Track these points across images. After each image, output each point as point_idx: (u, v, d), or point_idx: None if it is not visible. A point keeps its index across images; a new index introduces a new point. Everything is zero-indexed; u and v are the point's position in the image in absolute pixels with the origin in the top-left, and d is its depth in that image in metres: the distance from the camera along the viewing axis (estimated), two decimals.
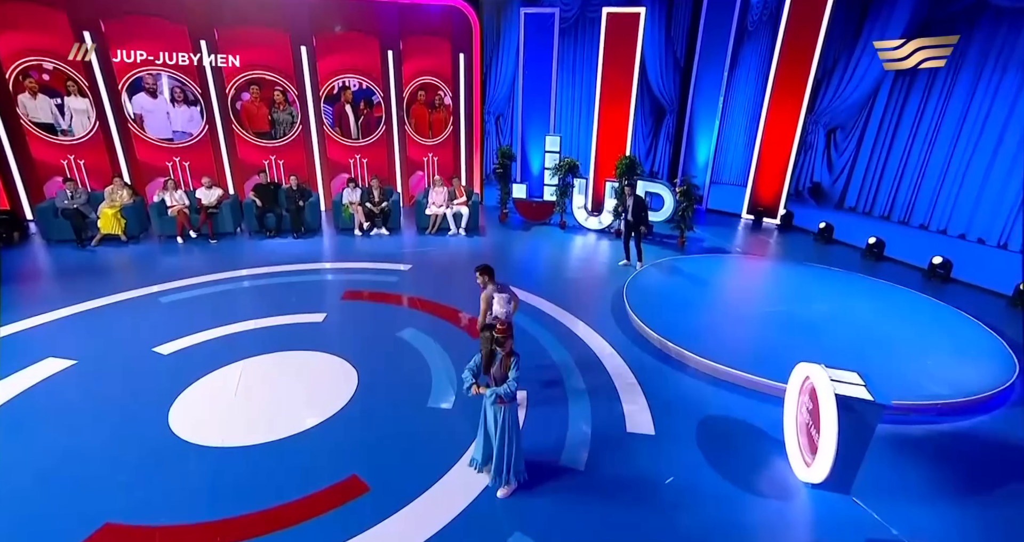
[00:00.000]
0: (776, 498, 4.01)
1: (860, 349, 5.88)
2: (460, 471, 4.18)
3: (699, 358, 5.74)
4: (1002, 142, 8.52)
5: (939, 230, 9.41)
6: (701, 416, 4.98)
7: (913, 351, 5.96)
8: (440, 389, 5.29)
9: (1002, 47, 8.35)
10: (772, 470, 4.30)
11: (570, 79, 12.31)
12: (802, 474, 4.11)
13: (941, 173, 9.34)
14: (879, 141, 10.29)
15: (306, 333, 6.37)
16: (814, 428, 4.01)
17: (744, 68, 12.22)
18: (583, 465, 4.30)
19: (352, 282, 7.99)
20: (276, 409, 4.92)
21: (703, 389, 5.42)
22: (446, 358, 5.86)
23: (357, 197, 10.49)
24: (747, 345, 6.03)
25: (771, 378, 5.29)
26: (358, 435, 4.59)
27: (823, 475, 3.77)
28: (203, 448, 4.39)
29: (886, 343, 6.10)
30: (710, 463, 4.35)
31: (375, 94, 11.87)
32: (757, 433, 4.75)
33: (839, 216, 10.96)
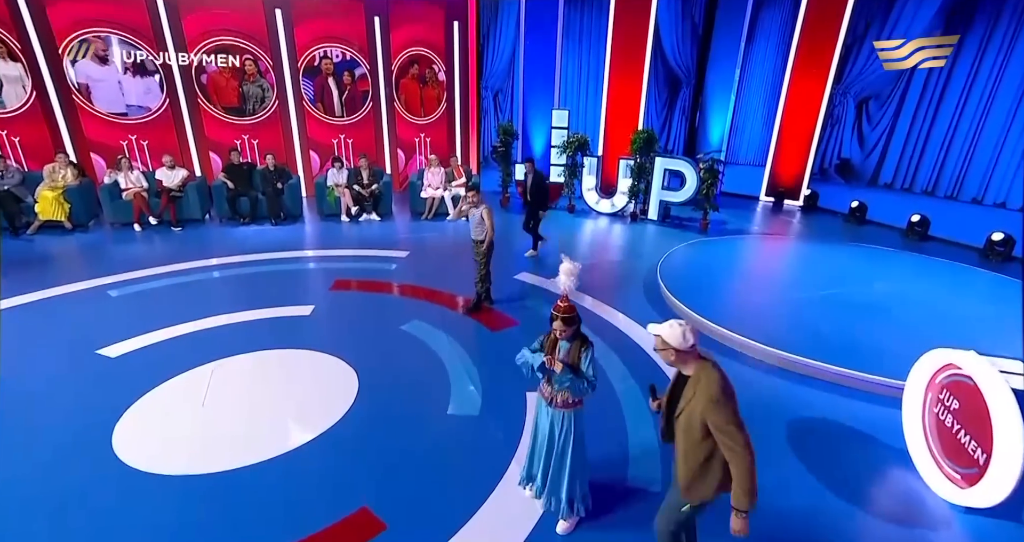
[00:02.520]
0: (921, 527, 3.06)
1: (946, 332, 4.99)
2: (502, 497, 3.16)
3: (765, 348, 4.79)
4: None
5: (996, 204, 8.63)
6: (786, 417, 4.02)
7: (1008, 332, 5.08)
8: (462, 391, 4.25)
9: None
10: (901, 488, 3.36)
11: (576, 49, 11.31)
12: (950, 494, 3.16)
13: (999, 140, 8.53)
14: (921, 109, 9.48)
15: (291, 328, 5.26)
16: (966, 434, 3.07)
17: (763, 38, 11.36)
18: (659, 484, 3.31)
19: (342, 271, 6.87)
20: (257, 422, 3.82)
21: (774, 384, 4.47)
22: (463, 354, 4.82)
23: (343, 179, 9.34)
24: (814, 332, 5.10)
25: (862, 370, 4.36)
26: (364, 454, 3.52)
27: (998, 498, 2.82)
28: (160, 478, 3.28)
29: (972, 324, 5.24)
30: (820, 479, 3.39)
31: (360, 66, 10.72)
32: (863, 438, 3.81)
33: (873, 194, 10.15)
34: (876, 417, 4.00)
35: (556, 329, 2.70)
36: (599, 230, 9.37)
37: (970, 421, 3.04)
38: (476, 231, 5.49)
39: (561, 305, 2.68)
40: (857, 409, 4.12)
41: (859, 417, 4.03)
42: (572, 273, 2.75)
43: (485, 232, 5.42)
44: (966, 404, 3.07)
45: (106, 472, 3.33)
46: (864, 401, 4.21)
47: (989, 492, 2.84)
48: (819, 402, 4.24)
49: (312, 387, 4.29)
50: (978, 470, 2.96)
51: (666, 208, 9.80)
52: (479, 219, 5.42)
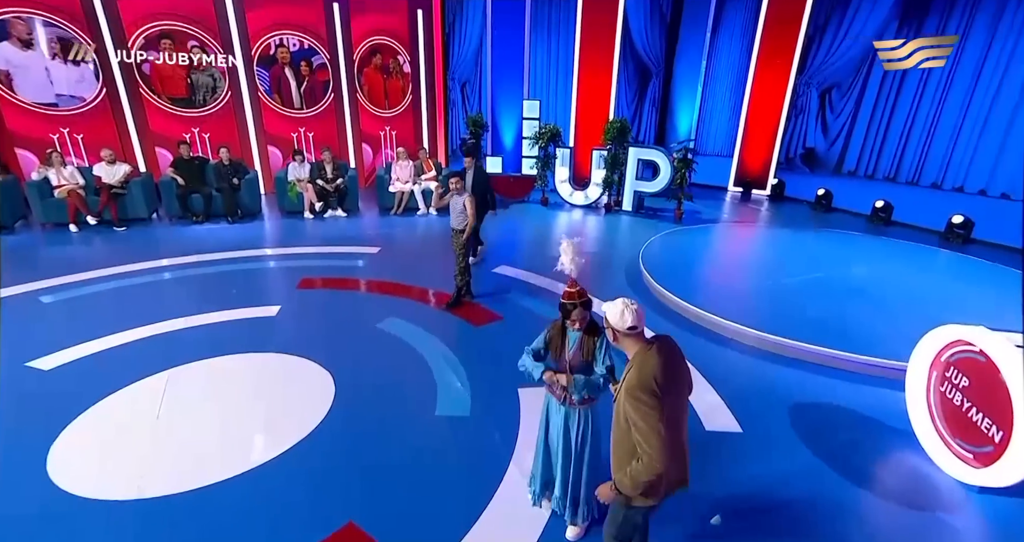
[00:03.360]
0: (934, 509, 2.96)
1: (929, 311, 4.99)
2: (504, 502, 2.87)
3: (758, 333, 4.68)
4: None
5: (955, 188, 8.90)
6: (787, 404, 3.90)
7: (993, 310, 5.16)
8: (449, 390, 3.93)
9: None
10: (910, 470, 3.27)
11: (544, 38, 11.09)
12: (962, 474, 3.08)
13: (955, 127, 8.80)
14: (881, 98, 9.70)
15: (256, 331, 4.80)
16: (979, 412, 2.99)
17: (728, 29, 11.44)
18: None
19: (309, 269, 6.41)
20: (222, 435, 3.40)
21: (770, 370, 4.36)
22: (446, 351, 4.50)
23: (306, 173, 8.82)
24: (802, 316, 5.03)
25: (855, 352, 4.30)
26: (347, 463, 3.17)
27: (1019, 476, 2.74)
28: (107, 504, 2.84)
29: (952, 302, 5.30)
30: (827, 463, 3.27)
31: (318, 55, 10.17)
32: (866, 421, 3.71)
33: (838, 182, 10.38)
34: (876, 399, 3.93)
35: (575, 319, 2.40)
36: (574, 222, 9.19)
37: (983, 398, 2.96)
38: (457, 220, 5.18)
39: (571, 291, 2.40)
40: (856, 392, 4.05)
41: (859, 400, 3.94)
42: (574, 253, 2.46)
43: (466, 221, 5.11)
44: (978, 381, 2.99)
45: (39, 500, 2.85)
46: (862, 383, 4.14)
47: (1010, 470, 2.76)
48: (817, 386, 4.14)
49: (284, 393, 3.88)
50: (994, 448, 2.88)
51: (640, 199, 9.72)
52: (461, 207, 5.11)
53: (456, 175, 5.19)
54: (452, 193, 5.17)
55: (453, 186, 5.12)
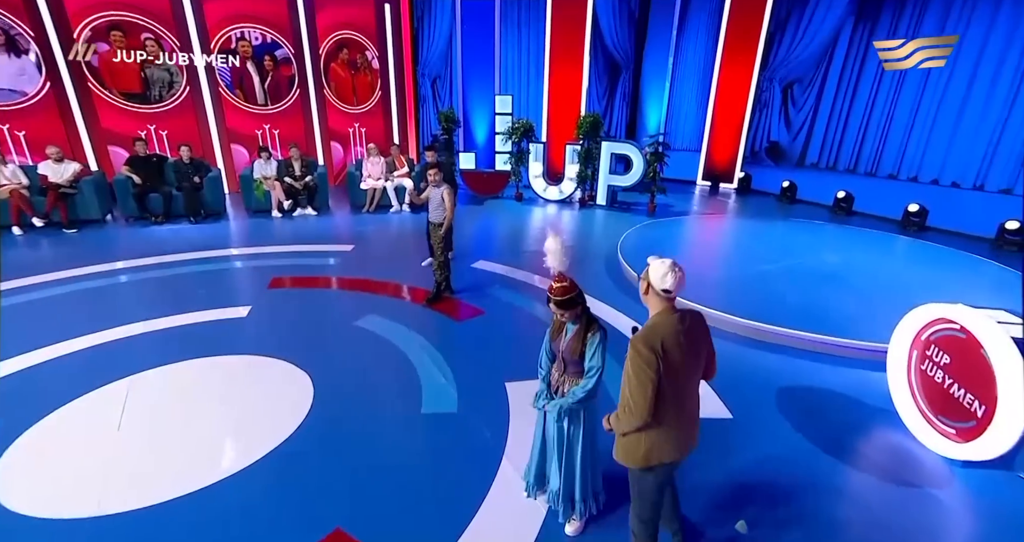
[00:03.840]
0: (920, 484, 3.00)
1: (900, 294, 5.14)
2: (499, 499, 2.77)
3: (744, 321, 4.71)
4: (974, 82, 8.46)
5: (910, 178, 9.29)
6: (774, 388, 3.93)
7: (956, 291, 5.35)
8: (434, 387, 3.80)
9: None
10: (895, 448, 3.32)
11: (515, 34, 11.01)
12: (946, 450, 3.14)
13: (909, 120, 9.20)
14: (840, 92, 10.06)
15: (226, 333, 4.55)
16: (960, 388, 3.06)
17: (693, 26, 11.63)
18: None
19: (280, 268, 6.15)
20: (193, 443, 3.18)
21: (755, 356, 4.39)
22: (429, 347, 4.36)
23: (272, 171, 8.49)
24: (782, 302, 5.10)
25: (837, 335, 4.37)
26: (331, 466, 3.00)
27: (1003, 448, 2.80)
28: (61, 524, 2.60)
29: (920, 285, 5.47)
30: (820, 447, 3.29)
31: (282, 49, 9.82)
32: (852, 403, 3.77)
33: (801, 174, 10.67)
34: (858, 380, 4.00)
35: (553, 311, 2.35)
36: (550, 217, 9.15)
37: (964, 374, 3.03)
38: (436, 213, 5.03)
39: (554, 285, 2.31)
40: (839, 374, 4.11)
41: (842, 382, 4.00)
42: (558, 249, 2.31)
43: (445, 213, 4.98)
44: (959, 358, 3.06)
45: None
46: (844, 366, 4.21)
47: (993, 443, 2.82)
48: (800, 370, 4.18)
49: (258, 397, 3.67)
50: (976, 423, 2.94)
51: (613, 193, 9.76)
52: (439, 200, 4.97)
53: (434, 166, 5.05)
54: (430, 185, 5.03)
55: (431, 178, 4.97)
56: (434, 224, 5.10)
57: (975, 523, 2.77)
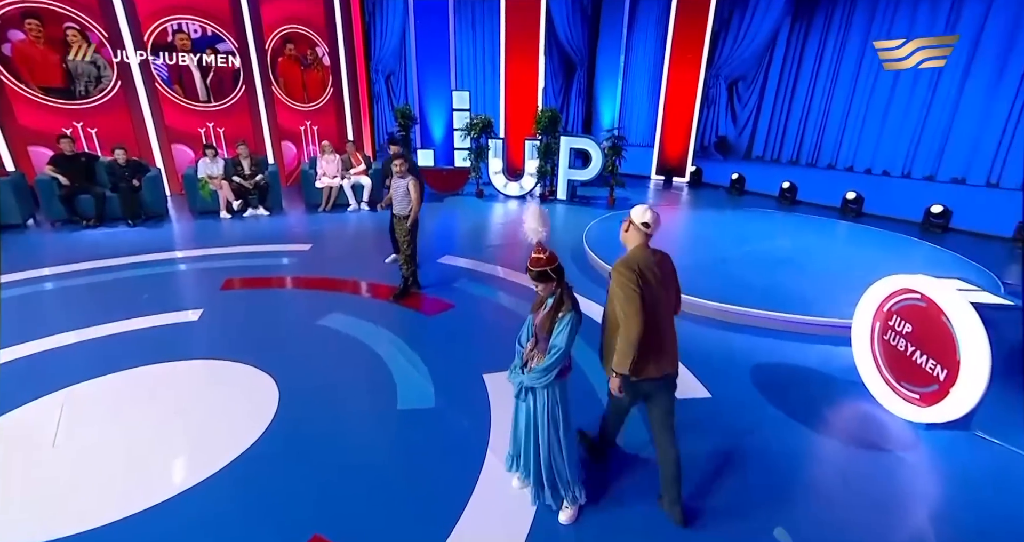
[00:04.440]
0: (890, 449, 3.13)
1: (852, 273, 5.42)
2: (486, 494, 2.66)
3: (709, 303, 4.80)
4: (899, 74, 9.04)
5: (846, 168, 9.84)
6: (747, 367, 4.01)
7: (898, 267, 5.66)
8: (409, 382, 3.64)
9: None
10: (865, 416, 3.45)
11: (469, 30, 10.92)
12: (911, 414, 3.29)
13: (844, 112, 9.75)
14: (781, 88, 10.54)
15: (176, 338, 4.22)
16: (923, 354, 3.20)
17: (642, 25, 11.90)
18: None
19: (233, 269, 5.79)
20: (146, 454, 2.89)
21: (725, 337, 4.47)
22: (400, 343, 4.19)
23: (219, 170, 8.01)
24: (746, 285, 5.24)
25: (798, 313, 4.53)
26: (303, 470, 2.80)
27: (965, 408, 2.94)
28: None
29: (866, 265, 5.77)
30: (795, 420, 3.37)
31: (224, 43, 9.32)
32: (820, 376, 3.89)
33: (748, 167, 11.11)
34: (823, 355, 4.15)
35: (536, 285, 2.30)
36: (511, 212, 9.10)
37: (926, 340, 3.17)
38: (400, 205, 4.86)
39: (534, 256, 2.24)
40: (804, 350, 4.24)
41: (808, 357, 4.14)
42: (537, 219, 2.25)
43: (410, 206, 4.82)
44: (920, 325, 3.21)
45: None
46: (808, 342, 4.35)
47: (956, 405, 2.96)
48: (768, 348, 4.29)
49: (217, 401, 3.41)
50: (939, 386, 3.09)
51: (573, 187, 9.82)
52: (404, 191, 4.80)
53: (399, 157, 4.88)
54: (394, 177, 4.86)
55: (396, 169, 4.80)
56: (398, 217, 4.92)
57: (940, 480, 2.89)
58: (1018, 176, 8.31)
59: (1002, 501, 2.73)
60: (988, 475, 2.91)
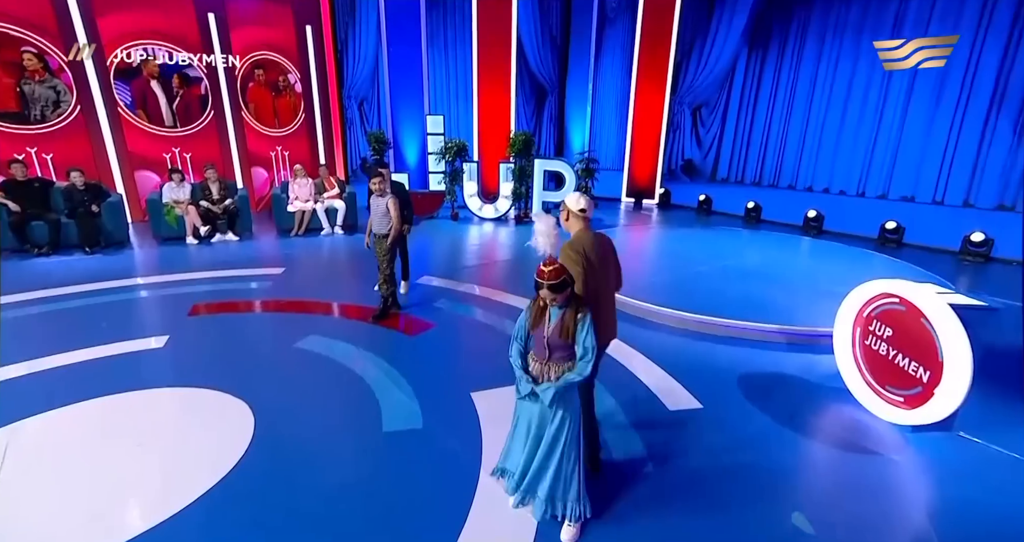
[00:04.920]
0: (882, 452, 3.15)
1: (823, 284, 5.59)
2: (483, 516, 2.52)
3: (692, 316, 4.83)
4: (848, 100, 9.62)
5: (806, 188, 10.30)
6: (734, 377, 4.01)
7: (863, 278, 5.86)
8: (394, 404, 3.49)
9: (836, 18, 9.50)
10: (851, 421, 3.48)
11: (443, 57, 11.11)
12: (896, 417, 3.33)
13: (801, 136, 10.28)
14: (742, 113, 11.08)
15: (140, 366, 3.96)
16: (905, 357, 3.27)
17: (609, 54, 12.38)
18: (650, 466, 2.97)
19: (201, 294, 5.53)
20: (108, 488, 2.65)
21: (709, 348, 4.49)
22: (382, 364, 4.04)
23: (186, 194, 7.76)
24: (723, 297, 5.31)
25: (777, 323, 4.60)
26: (283, 499, 2.61)
27: (950, 409, 3.00)
28: None
29: (833, 277, 5.96)
30: (788, 427, 3.37)
31: (193, 68, 9.19)
32: (806, 384, 3.93)
33: (714, 188, 11.49)
34: (807, 363, 4.20)
35: (543, 298, 2.27)
36: (487, 234, 9.09)
37: (908, 343, 3.24)
38: (380, 223, 4.78)
39: (544, 269, 2.21)
40: (787, 359, 4.28)
41: (792, 365, 4.18)
42: (549, 231, 2.32)
43: (391, 224, 4.74)
44: (901, 328, 3.28)
45: None
46: (790, 351, 4.40)
47: (940, 406, 3.02)
48: (754, 358, 4.30)
49: (185, 431, 3.18)
50: (923, 388, 3.14)
51: (547, 209, 9.92)
52: (384, 210, 4.73)
53: (379, 175, 4.82)
54: (374, 195, 4.79)
55: (375, 187, 4.74)
56: (379, 235, 4.83)
57: (930, 480, 2.92)
58: (960, 194, 8.86)
59: (990, 498, 2.76)
60: (975, 473, 2.94)
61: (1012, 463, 3.03)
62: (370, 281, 5.73)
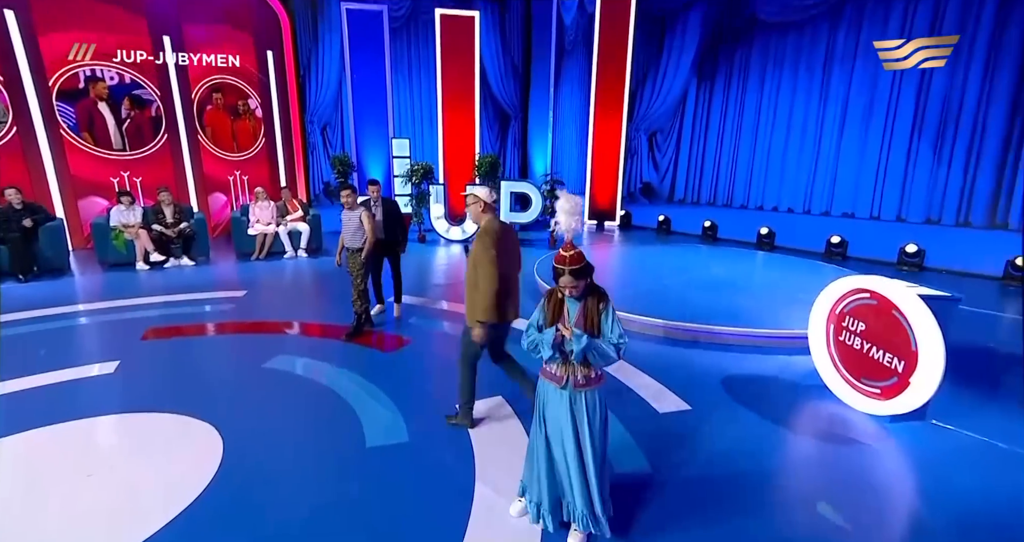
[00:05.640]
0: (859, 443, 3.21)
1: (783, 292, 5.82)
2: (481, 528, 2.38)
3: (672, 323, 4.88)
4: (790, 126, 10.31)
5: (757, 207, 10.85)
6: (717, 379, 4.04)
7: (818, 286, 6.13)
8: (376, 418, 3.31)
9: (775, 52, 10.28)
10: (831, 415, 3.54)
11: (407, 82, 11.21)
12: (874, 408, 3.43)
13: (750, 159, 10.91)
14: (695, 139, 11.67)
15: (86, 392, 3.61)
16: (879, 349, 3.39)
17: (568, 84, 12.85)
18: (648, 466, 2.91)
19: (156, 319, 5.16)
20: (50, 522, 2.33)
21: (692, 354, 4.53)
22: (360, 380, 3.85)
23: (137, 217, 7.34)
24: (695, 306, 5.42)
25: (753, 327, 4.72)
26: (261, 524, 2.37)
27: (925, 396, 3.11)
28: None
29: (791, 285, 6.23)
30: (775, 423, 3.40)
31: (145, 89, 8.88)
32: (785, 383, 4.00)
33: (672, 209, 11.91)
34: (783, 364, 4.29)
35: (564, 286, 2.17)
36: (455, 255, 9.01)
37: (881, 335, 3.37)
38: (353, 238, 4.64)
39: (565, 255, 2.14)
40: (765, 361, 4.36)
41: (770, 367, 4.26)
42: (574, 210, 2.22)
43: (364, 238, 4.61)
44: (873, 322, 3.42)
45: None
46: (766, 353, 4.49)
47: (918, 392, 3.13)
48: (734, 361, 4.34)
49: (144, 458, 2.88)
50: (898, 378, 3.26)
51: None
52: (357, 223, 4.60)
53: (348, 187, 4.71)
54: (344, 209, 4.68)
55: (346, 200, 4.63)
56: (351, 250, 4.69)
57: (912, 466, 2.99)
58: (893, 210, 9.56)
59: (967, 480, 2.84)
60: (951, 458, 3.04)
61: (982, 445, 3.15)
62: (340, 301, 5.53)
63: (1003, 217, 8.93)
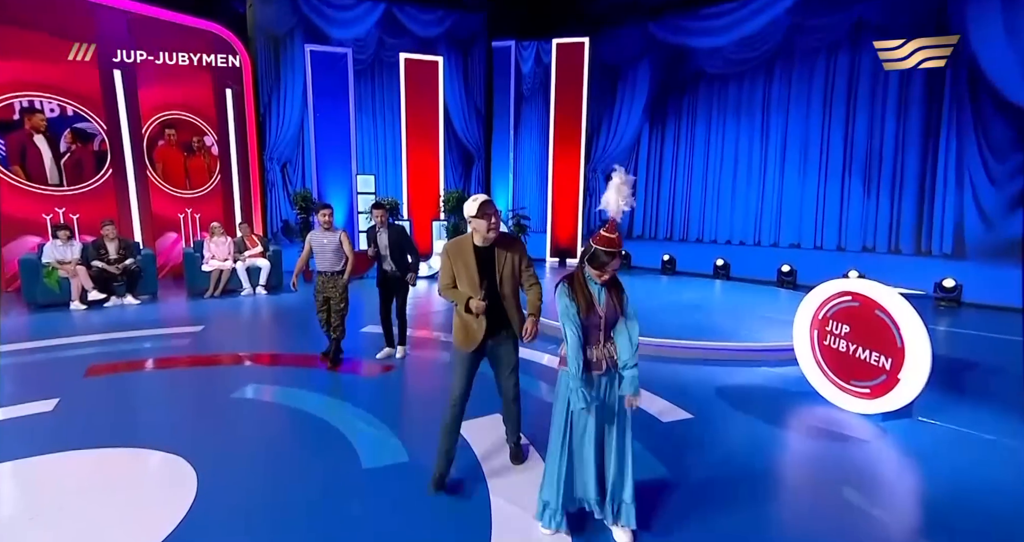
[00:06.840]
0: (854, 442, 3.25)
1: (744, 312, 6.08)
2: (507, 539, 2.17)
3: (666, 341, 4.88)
4: (736, 164, 11.10)
5: (712, 241, 11.38)
6: (712, 390, 4.03)
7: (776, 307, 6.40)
8: (370, 440, 3.05)
9: (718, 99, 11.20)
10: (825, 418, 3.58)
11: (371, 122, 11.27)
12: (865, 408, 3.49)
13: (702, 196, 11.55)
14: (650, 177, 12.27)
15: (23, 431, 3.11)
16: (865, 349, 3.50)
17: (528, 127, 13.36)
18: (664, 469, 2.80)
19: (98, 355, 4.63)
20: None
21: (685, 369, 4.50)
22: (344, 404, 3.58)
23: (75, 253, 6.76)
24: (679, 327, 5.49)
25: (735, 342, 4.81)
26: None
27: (916, 392, 3.21)
28: None
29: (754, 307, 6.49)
30: (774, 427, 3.40)
31: (89, 123, 8.46)
32: (777, 392, 4.04)
33: (632, 245, 12.27)
34: (772, 375, 4.35)
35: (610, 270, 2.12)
36: (422, 289, 8.82)
37: (866, 335, 3.48)
38: (331, 261, 4.44)
39: (611, 237, 2.08)
40: (754, 372, 4.41)
41: (760, 377, 4.31)
42: (624, 188, 2.11)
43: (344, 260, 4.43)
44: (857, 322, 3.54)
45: None
46: (755, 366, 4.53)
47: (908, 387, 3.22)
48: (725, 374, 4.36)
49: (95, 494, 2.47)
50: (887, 376, 3.35)
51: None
52: (336, 245, 4.42)
53: (326, 206, 4.56)
54: (321, 230, 4.51)
55: (323, 218, 4.46)
56: (330, 273, 4.47)
57: (909, 461, 3.05)
58: (834, 240, 10.33)
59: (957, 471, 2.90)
60: (941, 451, 3.11)
61: (967, 438, 3.25)
62: (309, 331, 5.21)
63: (927, 245, 9.82)
